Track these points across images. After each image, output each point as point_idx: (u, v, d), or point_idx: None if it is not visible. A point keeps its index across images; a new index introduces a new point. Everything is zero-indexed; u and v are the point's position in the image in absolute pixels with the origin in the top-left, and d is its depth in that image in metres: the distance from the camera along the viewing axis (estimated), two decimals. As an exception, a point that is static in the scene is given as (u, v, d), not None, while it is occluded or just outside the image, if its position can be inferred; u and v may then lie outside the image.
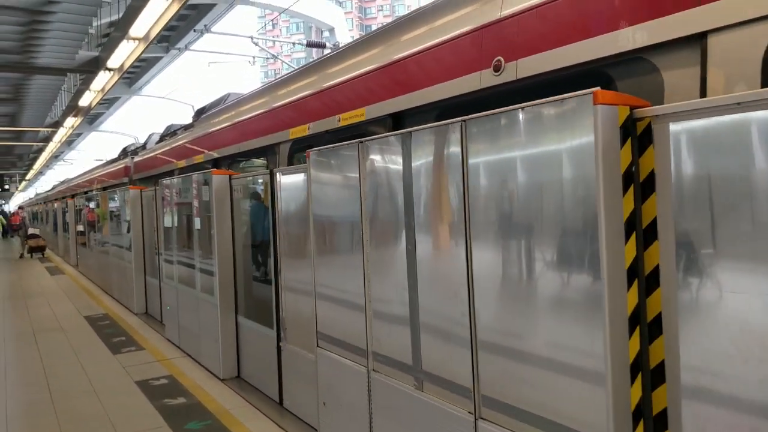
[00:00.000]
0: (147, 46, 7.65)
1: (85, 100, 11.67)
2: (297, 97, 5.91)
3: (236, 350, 6.13)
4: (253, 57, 16.14)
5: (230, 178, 6.12)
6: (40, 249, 19.34)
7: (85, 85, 10.77)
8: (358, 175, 3.57)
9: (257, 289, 6.02)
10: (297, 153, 6.05)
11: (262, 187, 5.79)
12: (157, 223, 8.96)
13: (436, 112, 3.99)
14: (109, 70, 9.00)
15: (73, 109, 13.28)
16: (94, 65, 9.25)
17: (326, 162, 3.96)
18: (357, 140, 3.58)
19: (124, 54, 8.38)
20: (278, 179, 5.05)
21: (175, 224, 7.43)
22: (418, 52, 4.09)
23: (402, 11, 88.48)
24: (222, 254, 6.07)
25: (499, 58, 3.38)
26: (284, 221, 4.98)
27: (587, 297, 2.17)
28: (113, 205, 12.17)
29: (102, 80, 9.84)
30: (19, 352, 7.51)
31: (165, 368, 6.52)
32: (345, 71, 5.13)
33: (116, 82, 9.92)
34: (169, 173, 10.17)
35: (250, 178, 5.83)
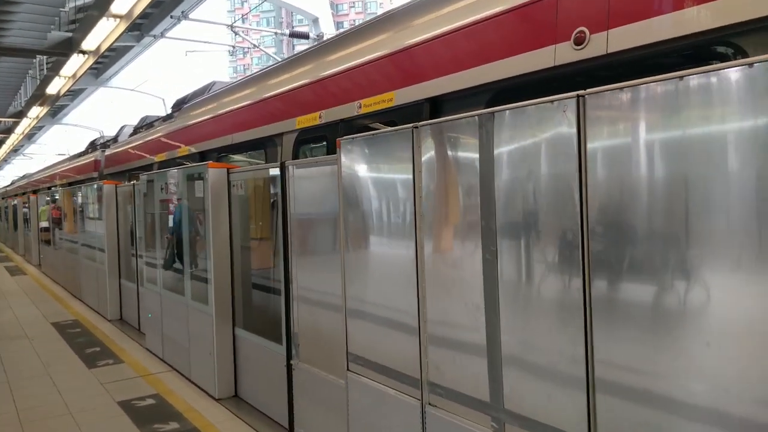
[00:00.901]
0: (128, 26, 6.89)
1: (53, 88, 10.75)
2: (305, 82, 5.27)
3: (233, 366, 5.44)
4: (233, 47, 15.36)
5: (228, 172, 5.44)
6: None
7: (55, 70, 9.88)
8: (411, 167, 2.96)
9: (260, 297, 5.35)
10: (304, 145, 5.41)
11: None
12: (135, 222, 8.18)
13: (488, 96, 3.41)
14: (83, 53, 8.17)
15: (39, 97, 12.31)
16: (67, 47, 8.41)
17: (363, 152, 3.34)
18: (410, 125, 2.97)
19: (101, 35, 7.58)
20: (291, 173, 4.41)
21: (159, 223, 6.69)
22: (467, 25, 3.51)
23: (374, 9, 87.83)
24: (218, 258, 5.38)
25: (582, 28, 2.83)
26: (298, 221, 4.34)
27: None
28: (82, 201, 11.30)
29: (74, 65, 8.98)
30: (-22, 366, 6.67)
31: (150, 385, 5.79)
32: (368, 50, 4.51)
33: (89, 67, 9.08)
34: (147, 167, 9.39)
35: (253, 172, 5.16)
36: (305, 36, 16.05)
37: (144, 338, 7.66)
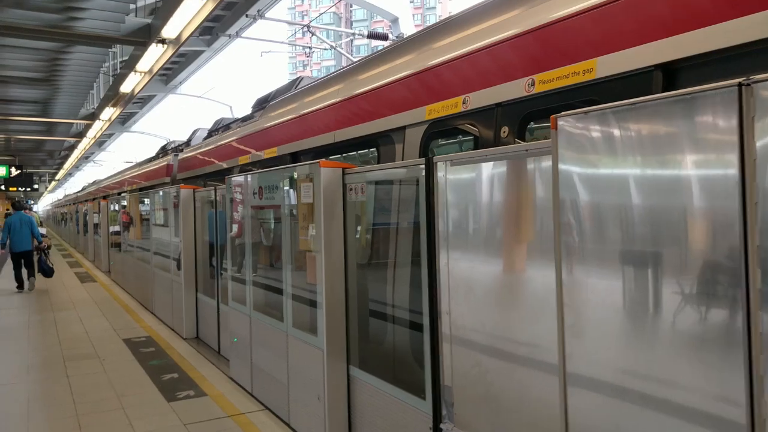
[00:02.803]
0: (215, 7, 5.99)
1: (127, 85, 10.10)
2: (441, 61, 4.18)
3: (347, 415, 4.37)
4: (310, 48, 14.53)
5: (344, 172, 4.39)
6: (48, 248, 19.45)
7: (130, 66, 9.19)
8: (731, 156, 1.78)
9: (383, 329, 4.27)
10: (437, 140, 4.32)
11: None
12: (217, 231, 7.29)
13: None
14: (162, 42, 7.38)
15: (111, 98, 11.75)
16: (145, 34, 7.65)
17: (610, 135, 2.18)
18: (732, 82, 1.79)
19: (184, 19, 6.74)
20: (443, 174, 3.31)
21: (252, 232, 5.73)
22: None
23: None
24: (330, 278, 4.33)
25: None
26: (454, 239, 3.23)
27: None
28: (156, 207, 10.61)
29: (151, 57, 8.22)
30: (45, 390, 5.85)
31: (242, 429, 4.79)
32: (548, 9, 3.38)
33: (168, 59, 8.31)
34: (225, 171, 8.54)
35: (379, 172, 4.09)
36: (384, 37, 15.09)
37: (226, 363, 6.72)
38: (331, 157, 5.62)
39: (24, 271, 13.09)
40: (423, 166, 3.48)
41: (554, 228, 2.37)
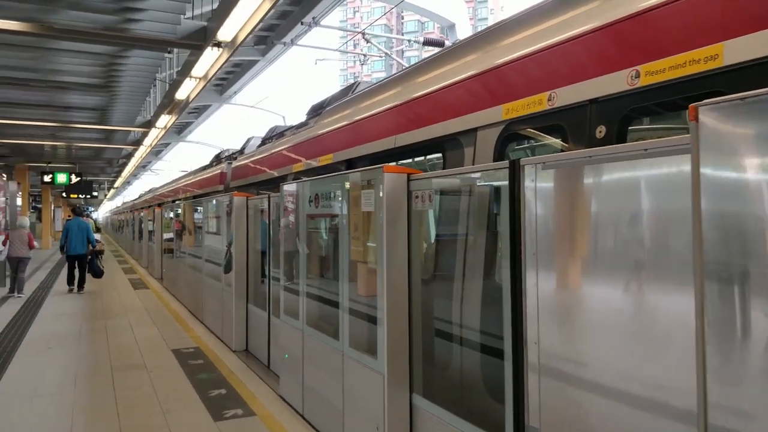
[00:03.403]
0: (272, 7, 5.70)
1: (183, 92, 10.00)
2: (522, 54, 3.73)
3: (410, 448, 3.92)
4: (364, 55, 14.26)
5: (409, 178, 3.98)
6: (100, 252, 20.29)
7: (185, 73, 9.07)
8: None
9: (450, 355, 3.82)
10: (514, 142, 3.86)
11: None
12: (269, 240, 6.99)
13: None
14: (218, 45, 7.17)
15: (167, 105, 11.74)
16: (201, 37, 7.47)
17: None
18: None
19: (240, 21, 6.50)
20: (531, 179, 2.85)
21: (307, 242, 5.37)
22: None
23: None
24: (393, 294, 3.91)
25: None
26: (551, 252, 2.76)
27: None
28: (208, 215, 10.47)
29: (207, 61, 8.04)
30: (90, 402, 5.62)
31: (292, 458, 4.40)
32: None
33: (223, 65, 8.12)
34: (279, 179, 8.27)
35: (455, 177, 3.66)
36: (440, 44, 14.70)
37: (275, 379, 6.38)
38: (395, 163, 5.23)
39: (76, 273, 13.83)
40: (507, 170, 3.02)
41: (694, 245, 1.88)
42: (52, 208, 35.20)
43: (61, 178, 22.70)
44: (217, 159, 16.02)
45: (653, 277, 2.29)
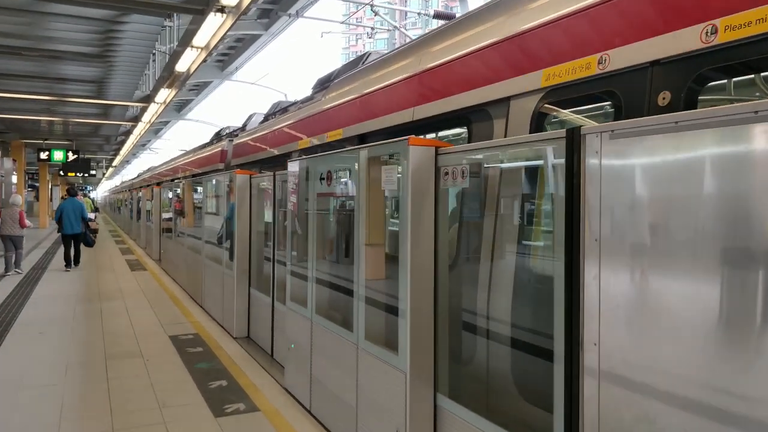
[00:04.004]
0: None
1: (183, 63, 9.47)
2: (565, 13, 3.24)
3: (435, 455, 3.50)
4: (372, 28, 13.69)
5: (437, 152, 3.51)
6: (94, 231, 20.89)
7: (185, 43, 8.54)
8: None
9: (479, 351, 3.39)
10: (554, 112, 3.39)
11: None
12: (275, 221, 6.54)
13: None
14: (222, 11, 6.66)
15: (167, 79, 11.21)
16: (203, 1, 6.94)
17: None
18: None
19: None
20: (595, 151, 2.40)
21: (317, 223, 4.92)
22: None
23: None
24: (418, 282, 3.46)
25: None
26: (620, 241, 2.31)
27: None
28: (209, 194, 10.03)
29: (209, 29, 7.51)
30: (82, 395, 5.21)
31: (301, 461, 3.99)
32: None
33: (226, 33, 7.59)
34: (284, 157, 7.80)
35: (493, 150, 3.19)
36: (451, 17, 14.13)
37: (279, 370, 5.98)
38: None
39: (72, 252, 14.15)
40: (563, 140, 2.55)
41: None
42: (50, 186, 34.70)
43: (58, 155, 22.17)
44: (218, 137, 15.51)
45: (756, 273, 1.84)
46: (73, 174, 25.87)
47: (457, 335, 3.55)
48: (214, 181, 9.62)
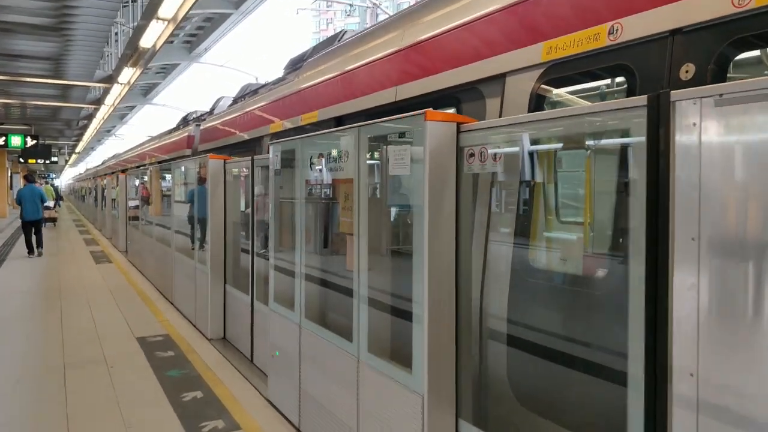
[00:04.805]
0: None
1: (148, 38, 8.64)
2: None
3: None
4: (350, 5, 12.99)
5: (458, 128, 2.92)
6: (52, 220, 21.40)
7: (150, 15, 7.75)
8: None
9: (518, 370, 2.82)
10: (557, 89, 2.89)
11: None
12: (252, 211, 5.89)
13: None
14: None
15: (130, 57, 10.35)
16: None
17: None
18: None
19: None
20: (693, 123, 1.84)
21: (305, 214, 4.30)
22: None
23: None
24: (436, 286, 2.87)
25: None
26: (731, 240, 1.76)
27: None
28: (179, 182, 9.31)
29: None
30: (32, 414, 4.52)
31: (293, 496, 3.39)
32: None
33: (194, 3, 6.84)
34: (255, 141, 7.15)
35: (538, 123, 2.60)
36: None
37: (260, 377, 5.36)
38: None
39: (33, 239, 14.07)
40: (644, 108, 1.98)
41: None
42: (9, 174, 33.11)
43: (16, 140, 20.89)
44: (185, 121, 14.68)
45: None
46: (34, 161, 24.55)
47: (484, 348, 2.98)
48: (182, 168, 8.89)
